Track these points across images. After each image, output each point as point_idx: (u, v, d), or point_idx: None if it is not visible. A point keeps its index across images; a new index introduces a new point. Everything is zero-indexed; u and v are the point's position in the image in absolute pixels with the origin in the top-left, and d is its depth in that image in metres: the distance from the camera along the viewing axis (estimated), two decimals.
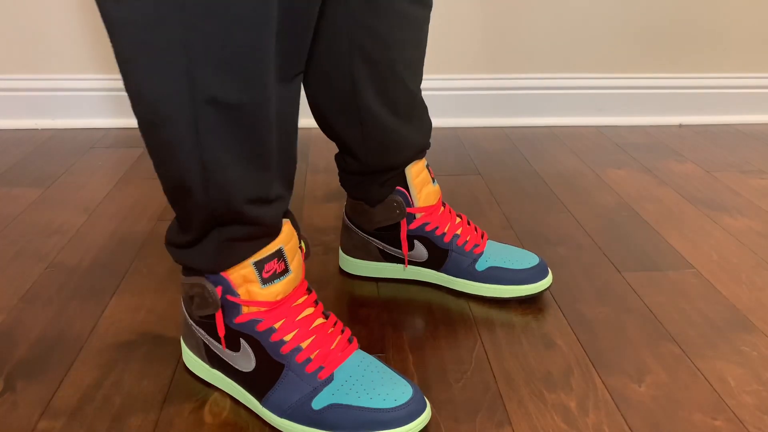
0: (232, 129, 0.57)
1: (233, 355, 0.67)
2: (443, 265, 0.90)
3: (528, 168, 1.39)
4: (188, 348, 0.73)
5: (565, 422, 0.67)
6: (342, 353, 0.66)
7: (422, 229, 0.88)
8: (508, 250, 0.91)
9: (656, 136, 1.62)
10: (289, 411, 0.64)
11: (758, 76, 1.72)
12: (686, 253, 1.03)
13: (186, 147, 0.57)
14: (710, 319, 0.86)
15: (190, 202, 0.61)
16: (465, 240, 0.89)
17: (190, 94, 0.55)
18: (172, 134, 0.56)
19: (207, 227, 0.63)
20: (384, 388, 0.64)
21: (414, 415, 0.62)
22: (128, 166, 1.36)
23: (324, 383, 0.64)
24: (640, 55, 1.67)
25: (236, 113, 0.56)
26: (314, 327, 0.66)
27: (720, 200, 1.23)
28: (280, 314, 0.66)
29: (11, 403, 0.69)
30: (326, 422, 0.63)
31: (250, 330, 0.65)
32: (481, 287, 0.88)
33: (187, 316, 0.71)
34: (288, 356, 0.65)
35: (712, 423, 0.68)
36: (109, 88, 1.59)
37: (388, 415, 0.62)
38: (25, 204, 1.17)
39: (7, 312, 0.85)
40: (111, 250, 1.01)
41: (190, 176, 0.58)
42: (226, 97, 0.55)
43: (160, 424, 0.67)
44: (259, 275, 0.64)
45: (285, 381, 0.64)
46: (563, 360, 0.77)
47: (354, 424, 0.62)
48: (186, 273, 0.68)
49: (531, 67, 1.66)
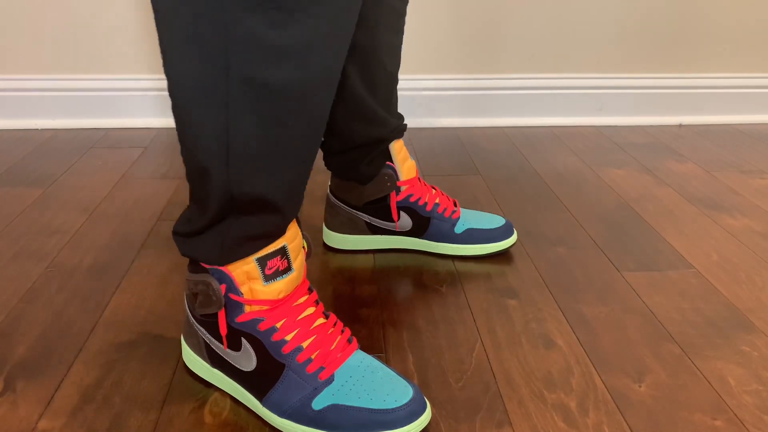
0: (262, 111, 0.57)
1: (234, 355, 0.67)
2: (426, 232, 0.99)
3: (528, 168, 1.39)
4: (189, 347, 0.72)
5: (565, 422, 0.67)
6: (342, 354, 0.66)
7: (407, 201, 0.98)
8: (478, 214, 1.03)
9: (656, 136, 1.62)
10: (289, 411, 0.64)
11: (758, 76, 1.72)
12: (686, 253, 1.03)
13: (215, 126, 0.58)
14: (710, 319, 0.86)
15: (210, 183, 0.61)
16: (444, 208, 0.99)
17: (225, 74, 0.55)
18: (203, 113, 0.57)
19: (224, 212, 0.62)
20: (384, 389, 0.64)
21: (414, 416, 0.63)
22: (128, 166, 1.36)
23: (324, 384, 0.64)
24: (640, 55, 1.67)
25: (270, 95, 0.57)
26: (315, 327, 0.66)
27: (720, 200, 1.23)
28: (281, 314, 0.66)
29: (11, 403, 0.69)
30: (327, 422, 0.63)
31: (251, 329, 0.65)
32: (461, 248, 0.99)
33: (189, 315, 0.71)
34: (289, 356, 0.65)
35: (712, 423, 0.68)
36: (109, 89, 1.59)
37: (389, 415, 0.62)
38: (25, 204, 1.17)
39: (7, 312, 0.85)
40: (111, 250, 1.02)
41: (215, 157, 0.59)
42: (263, 77, 0.56)
43: (160, 424, 0.67)
44: (262, 272, 0.64)
45: (286, 381, 0.64)
46: (563, 360, 0.77)
47: (354, 424, 0.62)
48: (192, 270, 0.68)
49: (531, 67, 1.66)
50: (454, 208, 1.00)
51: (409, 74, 1.62)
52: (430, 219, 0.99)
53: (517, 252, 1.02)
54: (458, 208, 1.01)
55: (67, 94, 1.58)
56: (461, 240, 0.99)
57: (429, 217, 0.99)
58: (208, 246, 0.65)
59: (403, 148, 0.97)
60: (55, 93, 1.58)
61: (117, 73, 1.58)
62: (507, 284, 0.93)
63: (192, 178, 0.63)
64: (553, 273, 0.96)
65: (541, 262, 0.99)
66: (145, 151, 1.45)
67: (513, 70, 1.66)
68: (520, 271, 0.97)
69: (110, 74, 1.58)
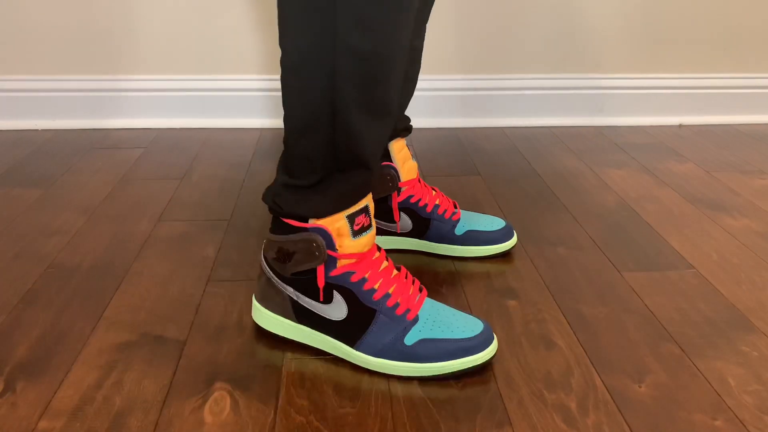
0: (363, 76, 0.67)
1: (324, 307, 0.75)
2: (426, 233, 1.00)
3: (528, 168, 1.39)
4: (269, 309, 0.79)
5: (565, 422, 0.67)
6: (419, 298, 0.76)
7: (407, 202, 0.98)
8: (477, 216, 1.03)
9: (656, 136, 1.62)
10: (384, 350, 0.73)
11: (758, 76, 1.72)
12: (686, 253, 1.03)
13: (321, 90, 0.67)
14: (710, 319, 0.86)
15: (317, 141, 0.70)
16: (444, 209, 1.00)
17: (332, 43, 0.65)
18: (310, 77, 0.67)
19: (329, 169, 0.72)
20: (460, 324, 0.75)
21: (488, 341, 0.74)
22: (128, 166, 1.36)
23: (412, 323, 0.74)
24: (640, 55, 1.67)
25: (370, 63, 0.66)
26: (394, 276, 0.76)
27: (720, 200, 1.23)
28: (366, 266, 0.75)
29: (11, 403, 0.69)
30: (419, 355, 0.72)
31: (344, 281, 0.74)
32: (460, 249, 1.00)
33: (271, 277, 0.78)
34: (380, 302, 0.74)
35: (712, 423, 0.68)
36: (109, 89, 1.59)
37: (470, 342, 0.73)
38: (25, 204, 1.17)
39: (7, 312, 0.85)
40: (111, 250, 1.02)
41: (322, 117, 0.69)
42: (363, 47, 0.66)
43: (160, 424, 0.67)
44: (351, 228, 0.73)
45: (378, 324, 0.74)
46: (563, 360, 0.77)
47: (443, 353, 0.72)
48: (281, 230, 0.75)
49: (531, 67, 1.66)
50: (454, 210, 1.01)
51: None
52: (431, 220, 0.99)
53: (517, 252, 1.02)
54: (458, 209, 1.01)
55: (67, 94, 1.58)
56: (461, 241, 0.99)
57: (429, 219, 0.99)
58: (310, 201, 0.73)
59: (404, 148, 0.97)
60: (55, 93, 1.58)
61: (117, 73, 1.58)
62: (507, 284, 0.93)
63: (297, 139, 0.71)
64: (553, 273, 0.96)
65: (541, 262, 0.99)
66: (145, 152, 1.45)
67: (513, 71, 1.66)
68: (520, 271, 0.97)
69: (110, 75, 1.58)
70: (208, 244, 1.04)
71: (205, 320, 0.84)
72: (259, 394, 0.71)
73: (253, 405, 0.69)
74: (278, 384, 0.73)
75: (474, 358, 0.73)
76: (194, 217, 1.13)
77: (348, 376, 0.74)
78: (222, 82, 1.60)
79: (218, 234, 1.07)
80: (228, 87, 1.60)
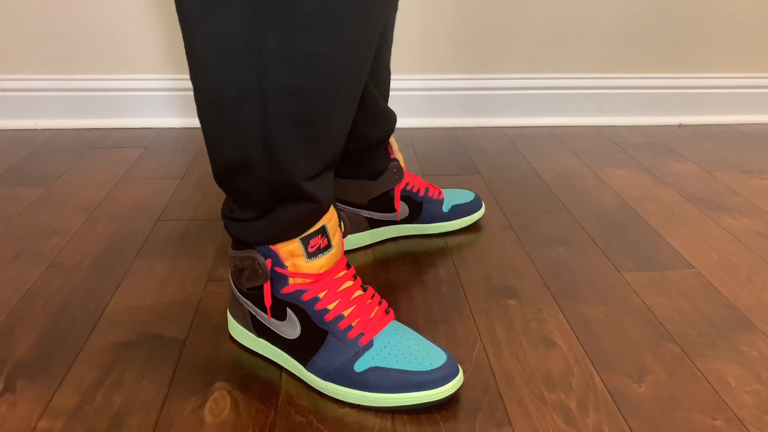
0: (297, 113, 0.62)
1: (279, 324, 0.73)
2: (419, 216, 1.06)
3: (528, 168, 1.39)
4: (235, 320, 0.78)
5: (565, 422, 0.67)
6: (380, 322, 0.72)
7: (404, 189, 1.04)
8: (451, 191, 1.11)
9: (656, 136, 1.62)
10: (333, 374, 0.70)
11: (758, 76, 1.72)
12: (686, 253, 1.03)
13: (254, 127, 0.62)
14: (710, 319, 0.86)
15: (251, 179, 0.66)
16: (432, 192, 1.07)
17: (262, 80, 0.60)
18: (241, 116, 0.62)
19: (268, 205, 0.68)
20: (420, 354, 0.69)
21: (449, 378, 0.68)
22: (128, 166, 1.36)
23: (365, 348, 0.70)
24: (640, 55, 1.67)
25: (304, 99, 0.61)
26: (354, 298, 0.72)
27: (720, 200, 1.23)
28: (323, 285, 0.71)
29: (11, 403, 0.69)
30: (368, 384, 0.68)
31: (296, 300, 0.71)
32: (450, 224, 1.07)
33: (234, 289, 0.77)
34: (331, 323, 0.70)
35: (712, 423, 0.68)
36: (109, 89, 1.59)
37: (425, 377, 0.67)
38: (25, 204, 1.17)
39: (7, 312, 0.85)
40: (111, 250, 1.02)
41: (255, 154, 0.64)
42: (296, 85, 0.60)
43: (160, 424, 0.67)
44: (305, 250, 0.70)
45: (329, 346, 0.70)
46: (563, 360, 0.77)
47: (394, 385, 0.67)
48: (237, 247, 0.73)
49: (531, 67, 1.66)
50: (439, 191, 1.08)
51: (409, 74, 1.62)
52: (422, 204, 1.05)
53: (517, 252, 1.03)
54: (438, 188, 1.09)
55: (67, 94, 1.58)
56: (448, 217, 1.07)
57: (421, 202, 1.05)
58: (255, 231, 0.70)
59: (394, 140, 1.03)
60: (55, 93, 1.58)
61: (117, 73, 1.58)
62: (507, 284, 0.93)
63: (229, 177, 0.67)
64: (553, 273, 0.96)
65: (541, 262, 0.99)
66: (145, 151, 1.45)
67: (513, 70, 1.66)
68: (520, 271, 0.97)
69: (110, 74, 1.58)
70: (208, 244, 1.04)
71: (205, 320, 0.84)
72: (259, 394, 0.71)
73: (253, 405, 0.69)
74: (278, 384, 0.73)
75: (427, 394, 0.67)
76: (194, 217, 1.13)
77: None
78: None
79: (218, 234, 1.07)
80: None
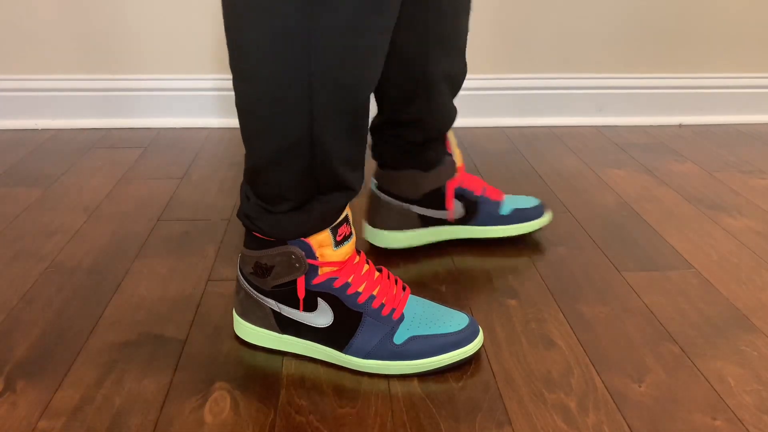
0: (341, 105, 0.66)
1: (309, 315, 0.75)
2: (475, 218, 1.01)
3: (528, 168, 1.39)
4: (251, 323, 0.78)
5: (565, 422, 0.67)
6: (403, 296, 0.77)
7: (459, 188, 0.99)
8: (514, 196, 1.06)
9: (656, 136, 1.62)
10: (373, 351, 0.73)
11: (758, 76, 1.72)
12: (686, 253, 1.03)
13: (302, 116, 0.65)
14: (710, 319, 0.86)
15: (293, 170, 0.68)
16: (491, 193, 1.02)
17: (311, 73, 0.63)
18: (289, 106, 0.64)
19: (305, 196, 0.70)
20: (445, 318, 0.76)
21: (476, 333, 0.76)
22: (128, 166, 1.36)
23: (398, 322, 0.75)
24: (640, 55, 1.67)
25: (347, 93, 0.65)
26: (376, 278, 0.76)
27: (720, 200, 1.23)
28: (348, 271, 0.74)
29: (11, 403, 0.69)
30: (410, 353, 0.73)
31: (328, 288, 0.74)
32: (509, 228, 1.02)
33: (251, 290, 0.77)
34: (364, 305, 0.74)
35: (712, 423, 0.68)
36: (109, 89, 1.59)
37: (459, 336, 0.75)
38: (25, 204, 1.17)
39: (7, 312, 0.85)
40: (111, 250, 1.02)
41: (302, 142, 0.66)
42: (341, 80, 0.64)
43: (160, 424, 0.67)
44: (334, 239, 0.73)
45: (365, 326, 0.74)
46: (563, 360, 0.77)
47: (434, 348, 0.73)
48: (260, 245, 0.73)
49: (531, 67, 1.66)
50: (497, 191, 1.04)
51: None
52: (478, 203, 1.00)
53: (517, 252, 1.03)
54: (498, 189, 1.05)
55: (67, 94, 1.58)
56: (508, 221, 1.01)
57: (477, 202, 1.00)
58: (292, 224, 0.71)
59: (452, 136, 0.99)
60: (55, 93, 1.58)
61: (117, 73, 1.58)
62: (507, 284, 0.93)
63: (271, 171, 0.69)
64: (553, 273, 0.96)
65: (541, 262, 0.99)
66: (145, 152, 1.45)
67: (513, 71, 1.66)
68: (520, 271, 0.97)
69: (110, 74, 1.58)
70: (208, 244, 1.04)
71: (205, 320, 0.84)
72: (259, 394, 0.71)
73: (253, 405, 0.69)
74: (278, 384, 0.73)
75: (463, 351, 0.74)
76: (194, 217, 1.13)
77: (348, 376, 0.74)
78: (222, 82, 1.61)
79: (218, 234, 1.07)
80: (228, 87, 1.60)
